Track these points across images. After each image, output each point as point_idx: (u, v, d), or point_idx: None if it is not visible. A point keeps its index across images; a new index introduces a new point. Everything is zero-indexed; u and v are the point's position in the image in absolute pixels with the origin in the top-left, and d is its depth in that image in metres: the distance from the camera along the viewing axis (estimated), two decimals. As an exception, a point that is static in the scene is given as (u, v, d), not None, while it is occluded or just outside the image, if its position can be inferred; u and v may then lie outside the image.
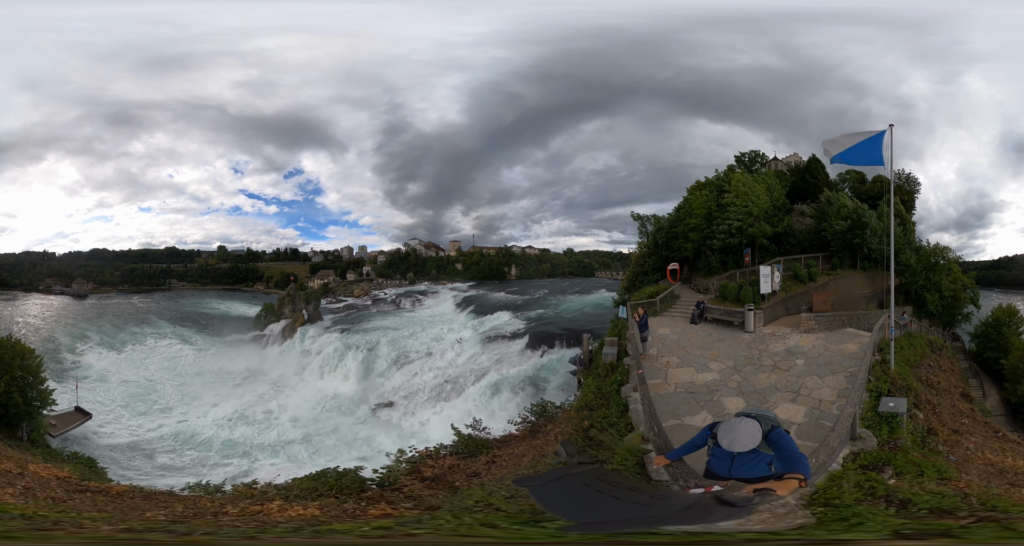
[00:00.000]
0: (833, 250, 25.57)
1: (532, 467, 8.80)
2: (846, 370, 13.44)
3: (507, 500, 5.66)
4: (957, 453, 9.43)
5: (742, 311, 18.97)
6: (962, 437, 11.18)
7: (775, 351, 15.90)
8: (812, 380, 12.96)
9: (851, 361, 14.13)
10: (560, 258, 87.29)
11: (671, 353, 15.84)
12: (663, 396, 12.04)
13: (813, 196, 27.51)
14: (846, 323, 18.58)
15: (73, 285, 76.45)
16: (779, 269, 22.36)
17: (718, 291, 23.09)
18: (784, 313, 22.01)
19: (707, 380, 13.41)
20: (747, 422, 4.02)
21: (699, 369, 14.32)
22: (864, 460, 7.59)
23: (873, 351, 14.33)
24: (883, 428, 9.44)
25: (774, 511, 5.30)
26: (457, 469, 8.41)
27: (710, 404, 11.68)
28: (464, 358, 38.69)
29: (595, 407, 11.53)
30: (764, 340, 17.26)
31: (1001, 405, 21.85)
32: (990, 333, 25.69)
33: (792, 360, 14.87)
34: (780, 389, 12.63)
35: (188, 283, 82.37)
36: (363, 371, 41.79)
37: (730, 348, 16.44)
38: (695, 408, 11.51)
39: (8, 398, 20.06)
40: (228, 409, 37.07)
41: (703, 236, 25.96)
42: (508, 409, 26.28)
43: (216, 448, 30.45)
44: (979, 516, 4.50)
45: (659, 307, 21.83)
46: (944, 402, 14.17)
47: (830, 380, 12.87)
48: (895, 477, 6.96)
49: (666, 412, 10.93)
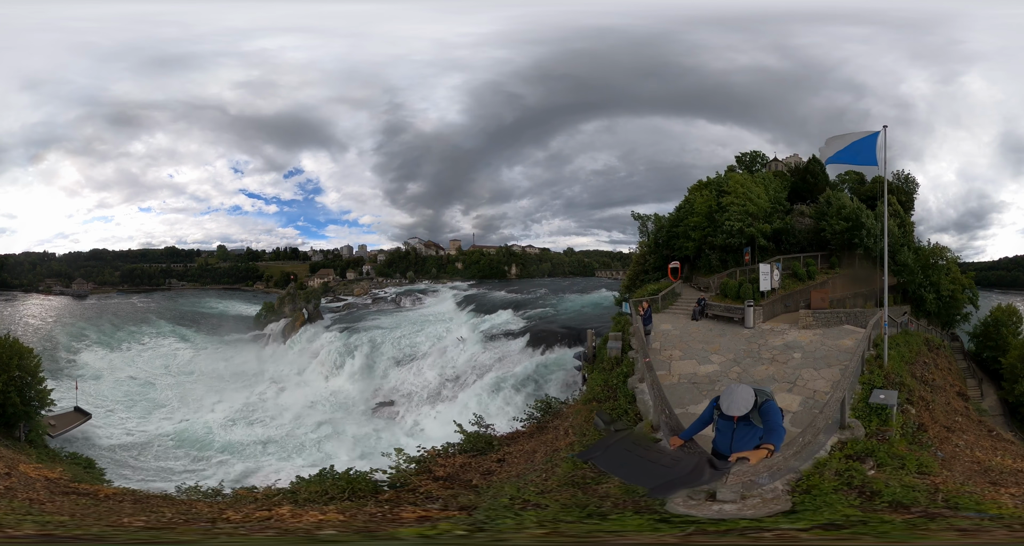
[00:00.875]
0: (832, 249, 25.85)
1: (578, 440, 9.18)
2: (841, 363, 13.80)
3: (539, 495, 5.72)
4: (945, 450, 9.52)
5: (742, 308, 19.40)
6: (953, 434, 11.31)
7: (774, 345, 16.39)
8: (808, 372, 13.43)
9: (846, 355, 14.45)
10: (560, 257, 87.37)
11: (673, 347, 16.31)
12: (668, 386, 12.34)
13: (813, 196, 27.75)
14: (843, 320, 18.96)
15: (73, 285, 76.34)
16: (778, 267, 22.65)
17: (719, 289, 23.38)
18: (783, 310, 22.41)
19: (709, 371, 13.85)
20: (743, 388, 4.55)
21: (701, 361, 14.75)
22: (850, 450, 7.77)
23: (868, 345, 14.71)
24: (873, 420, 9.61)
25: (764, 496, 5.52)
26: (469, 467, 8.47)
27: (712, 393, 11.90)
28: (465, 357, 38.63)
29: (603, 399, 11.72)
30: (763, 335, 17.70)
31: (999, 405, 21.93)
32: (990, 333, 25.85)
33: (790, 354, 15.32)
34: (778, 380, 13.09)
35: (188, 283, 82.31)
36: (364, 370, 41.76)
37: (730, 342, 16.91)
38: (699, 397, 11.97)
39: (5, 398, 20.04)
40: (229, 409, 37.01)
41: (704, 235, 26.23)
42: (510, 407, 26.44)
43: (217, 448, 30.39)
44: (929, 513, 4.65)
45: (661, 304, 22.17)
46: (938, 399, 14.34)
47: (825, 372, 13.31)
48: (876, 468, 7.10)
49: (672, 401, 11.20)
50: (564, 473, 6.89)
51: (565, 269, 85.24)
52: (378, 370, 41.55)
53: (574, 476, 6.60)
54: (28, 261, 77.69)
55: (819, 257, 25.82)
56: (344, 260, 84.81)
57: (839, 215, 24.93)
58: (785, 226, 26.44)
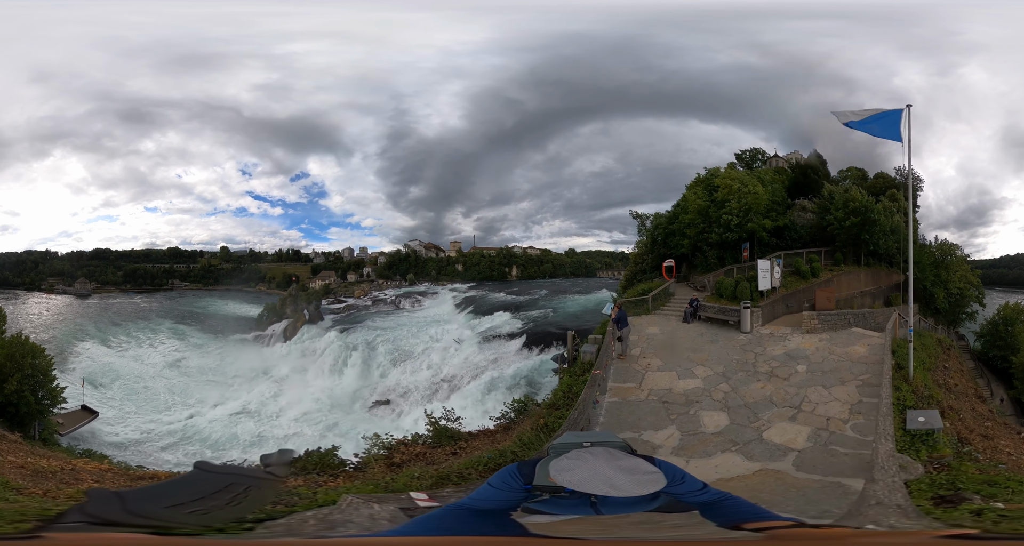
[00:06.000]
0: (837, 245, 24.58)
1: (516, 444, 8.80)
2: (856, 378, 11.67)
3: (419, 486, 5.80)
4: (999, 460, 8.65)
5: (738, 309, 17.76)
6: (992, 442, 10.32)
7: (773, 355, 14.33)
8: (816, 392, 11.22)
9: (862, 367, 12.59)
10: (561, 258, 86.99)
11: (655, 354, 14.51)
12: (632, 403, 10.85)
13: (814, 192, 26.81)
14: (852, 322, 17.38)
15: (76, 285, 76.90)
16: (779, 264, 20.97)
17: (714, 288, 21.87)
18: (785, 311, 20.40)
19: (688, 388, 11.81)
20: (618, 454, 2.03)
21: (682, 374, 12.85)
22: (926, 491, 6.09)
23: (887, 354, 13.00)
24: (919, 448, 8.32)
25: None
26: (423, 457, 8.41)
27: (683, 418, 10.25)
28: (461, 357, 38.67)
29: (560, 406, 11.07)
30: (761, 342, 15.83)
31: (1011, 404, 21.50)
32: (999, 331, 25.06)
33: (792, 366, 13.22)
34: (776, 403, 10.75)
35: (191, 283, 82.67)
36: (362, 369, 42.26)
37: (722, 351, 15.00)
38: (663, 421, 10.04)
39: (20, 397, 19.93)
40: (232, 407, 37.62)
41: (698, 232, 25.20)
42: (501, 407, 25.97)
43: (222, 445, 30.92)
44: None
45: (651, 305, 20.96)
46: (964, 406, 13.14)
47: (839, 391, 11.03)
48: (986, 500, 5.67)
49: (627, 422, 9.88)
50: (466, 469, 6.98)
51: (566, 270, 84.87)
52: (375, 370, 41.99)
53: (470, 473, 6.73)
54: (30, 259, 78.18)
55: (823, 253, 24.16)
56: (345, 262, 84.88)
57: (846, 208, 23.67)
58: (786, 221, 25.36)
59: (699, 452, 8.92)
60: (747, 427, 9.79)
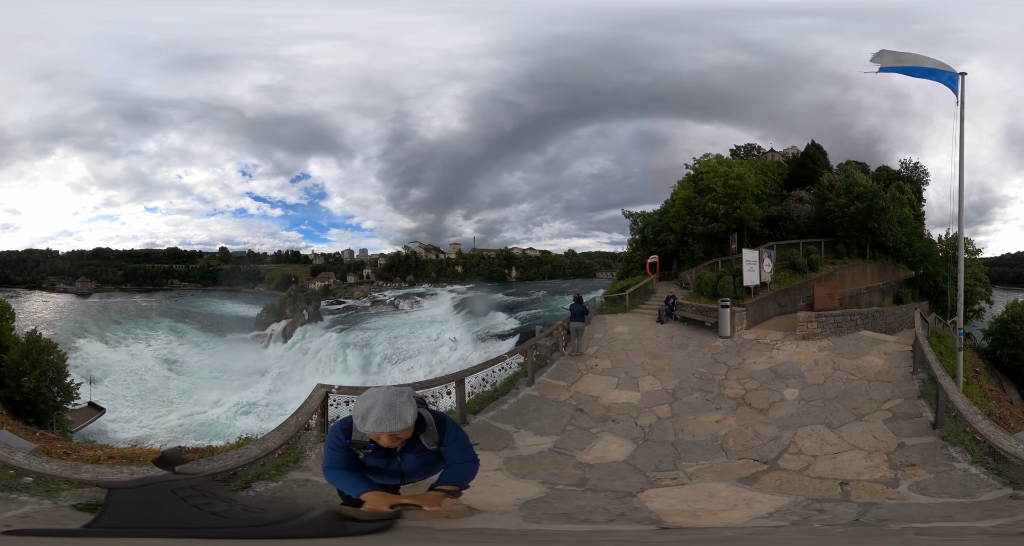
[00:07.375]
0: (839, 235, 21.81)
1: None
2: (880, 406, 7.98)
3: None
4: None
5: (716, 308, 14.91)
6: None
7: (752, 370, 11.02)
8: (814, 434, 7.26)
9: (884, 389, 8.83)
10: (561, 259, 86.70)
11: (608, 356, 12.54)
12: (547, 401, 9.25)
13: (814, 183, 25.21)
14: (859, 324, 14.45)
15: (77, 284, 77.30)
16: (770, 255, 18.07)
17: (695, 284, 19.55)
18: (777, 311, 17.57)
19: (619, 401, 9.41)
20: (393, 393, 2.52)
21: (622, 384, 10.42)
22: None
23: (916, 365, 9.77)
24: None
25: None
26: None
27: (577, 434, 8.09)
28: (456, 356, 38.80)
29: (497, 396, 10.33)
30: (741, 350, 12.78)
31: (1022, 403, 21.06)
32: (1010, 329, 24.49)
33: (777, 388, 9.66)
34: (729, 450, 7.11)
35: (190, 283, 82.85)
36: (359, 368, 42.84)
37: (688, 359, 12.22)
38: (551, 428, 7.96)
39: (38, 394, 19.68)
40: (231, 405, 37.71)
41: (684, 225, 23.31)
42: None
43: (225, 439, 30.94)
44: None
45: (629, 303, 19.27)
46: (1001, 412, 11.47)
47: (856, 432, 7.08)
48: None
49: (521, 417, 8.33)
50: None
51: (566, 271, 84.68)
52: (372, 368, 42.91)
53: None
54: (31, 258, 78.66)
55: (822, 244, 21.51)
56: (345, 263, 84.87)
57: (850, 193, 21.35)
58: (780, 210, 23.33)
59: (517, 473, 6.10)
60: (638, 474, 6.36)
